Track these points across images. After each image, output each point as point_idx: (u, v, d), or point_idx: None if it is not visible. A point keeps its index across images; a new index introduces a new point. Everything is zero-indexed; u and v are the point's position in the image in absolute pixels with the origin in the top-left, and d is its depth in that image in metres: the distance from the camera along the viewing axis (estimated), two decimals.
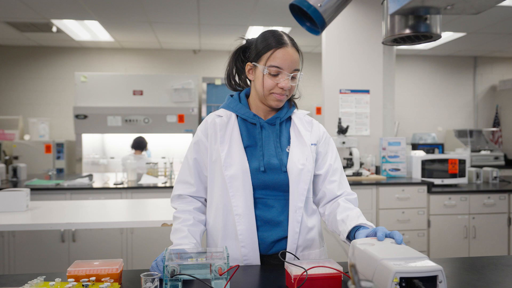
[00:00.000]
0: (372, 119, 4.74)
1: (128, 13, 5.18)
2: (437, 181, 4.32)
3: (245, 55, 1.57)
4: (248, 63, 1.51)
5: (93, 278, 1.16)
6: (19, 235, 3.80)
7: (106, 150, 6.55)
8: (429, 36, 1.02)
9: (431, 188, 4.19)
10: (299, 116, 1.59)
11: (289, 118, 1.58)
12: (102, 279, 1.16)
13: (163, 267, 1.15)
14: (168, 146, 6.37)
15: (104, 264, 1.23)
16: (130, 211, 2.87)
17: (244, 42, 1.58)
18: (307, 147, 1.51)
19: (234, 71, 1.61)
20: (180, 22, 5.59)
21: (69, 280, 1.16)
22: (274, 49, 1.43)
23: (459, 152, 5.90)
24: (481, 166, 4.93)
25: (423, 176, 4.40)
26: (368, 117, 4.72)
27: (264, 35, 1.49)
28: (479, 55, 7.77)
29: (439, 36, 1.03)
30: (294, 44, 1.47)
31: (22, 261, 3.80)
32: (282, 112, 1.55)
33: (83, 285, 1.12)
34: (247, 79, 1.60)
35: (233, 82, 1.63)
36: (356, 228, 1.38)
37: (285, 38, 1.46)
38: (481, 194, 4.23)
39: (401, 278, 0.97)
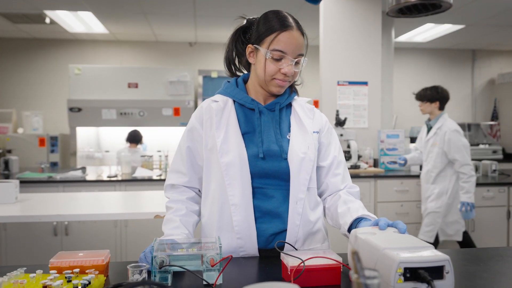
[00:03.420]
0: (370, 112, 4.67)
1: (123, 3, 5.08)
2: None
3: (245, 36, 1.47)
4: (249, 45, 1.41)
5: (77, 270, 1.09)
6: (11, 228, 3.73)
7: (101, 143, 6.47)
8: (438, 6, 0.94)
9: None
10: (300, 103, 1.51)
11: (289, 105, 1.50)
12: (87, 271, 1.09)
13: (151, 258, 1.08)
14: (163, 140, 6.28)
15: (89, 255, 1.16)
16: (123, 203, 2.80)
17: (244, 22, 1.48)
18: (309, 134, 1.43)
19: (234, 53, 1.51)
20: (176, 13, 5.50)
21: (51, 272, 1.09)
22: (278, 32, 1.33)
23: None
24: (479, 160, 4.87)
25: (421, 168, 4.33)
26: (366, 109, 4.66)
27: (267, 16, 1.39)
28: (478, 48, 7.71)
29: (449, 5, 0.95)
30: (299, 27, 1.38)
31: (14, 255, 3.73)
32: (283, 98, 1.46)
33: (66, 277, 1.05)
34: (248, 63, 1.49)
35: (232, 67, 1.53)
36: (358, 221, 1.31)
37: (290, 20, 1.36)
38: (480, 187, 4.18)
39: (405, 269, 0.90)
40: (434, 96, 3.70)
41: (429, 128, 3.76)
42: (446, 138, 3.56)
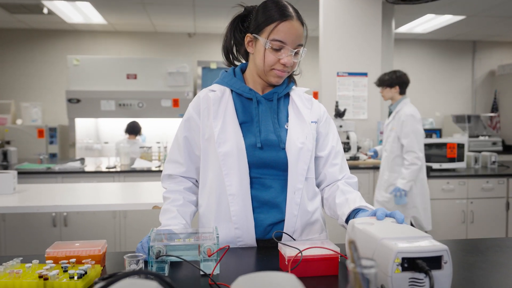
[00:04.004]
0: (370, 103, 4.65)
1: None
2: (435, 165, 4.27)
3: (243, 25, 1.45)
4: (248, 35, 1.39)
5: (73, 260, 1.08)
6: (10, 219, 3.72)
7: (100, 135, 6.45)
8: None
9: (429, 172, 4.12)
10: (298, 93, 1.49)
11: (287, 95, 1.48)
12: (83, 261, 1.09)
13: (148, 248, 1.07)
14: (162, 131, 6.27)
15: (85, 245, 1.16)
16: (121, 194, 2.80)
17: (242, 10, 1.45)
18: (307, 124, 1.41)
19: (232, 42, 1.48)
20: (175, 4, 5.46)
21: (47, 262, 1.08)
22: (278, 22, 1.31)
23: (457, 137, 5.84)
24: (479, 152, 4.87)
25: None
26: (366, 100, 4.64)
27: (266, 4, 1.37)
28: (478, 40, 7.67)
29: None
30: (299, 17, 1.36)
31: (14, 246, 3.73)
32: (281, 88, 1.45)
33: (62, 267, 1.05)
34: (246, 52, 1.47)
35: (230, 56, 1.51)
36: (356, 212, 1.30)
37: (290, 9, 1.34)
38: (479, 178, 4.18)
39: (403, 259, 0.89)
40: (393, 81, 3.55)
41: (390, 113, 3.66)
42: (400, 121, 3.45)
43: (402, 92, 3.58)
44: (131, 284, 0.64)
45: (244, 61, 1.52)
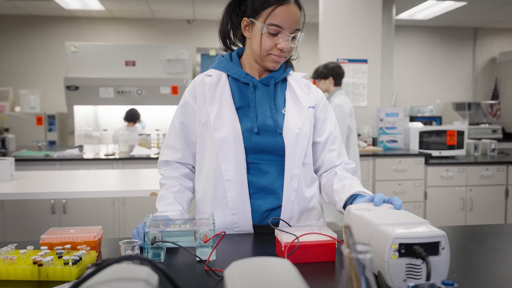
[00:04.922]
0: (370, 90, 4.62)
1: None
2: (434, 153, 4.26)
3: (240, 8, 1.41)
4: (245, 19, 1.36)
5: (68, 246, 1.07)
6: (9, 206, 3.72)
7: (99, 122, 6.43)
8: None
9: (429, 160, 4.13)
10: (295, 78, 1.47)
11: (285, 80, 1.46)
12: (78, 247, 1.08)
13: (144, 234, 1.07)
14: (161, 118, 6.23)
15: (80, 231, 1.15)
16: (120, 181, 2.79)
17: None
18: (305, 110, 1.40)
19: (229, 26, 1.45)
20: None
21: (42, 248, 1.08)
22: (275, 6, 1.29)
23: (457, 124, 5.82)
24: (478, 139, 4.86)
25: (420, 147, 4.33)
26: (366, 87, 4.61)
27: None
28: (480, 26, 7.60)
29: None
30: (296, 1, 1.33)
31: (12, 233, 3.74)
32: (278, 72, 1.43)
33: (56, 253, 1.04)
34: (243, 37, 1.44)
35: (227, 40, 1.48)
36: (353, 197, 1.29)
37: None
38: (479, 166, 4.17)
39: (400, 244, 0.89)
40: (326, 73, 3.59)
41: None
42: None
43: (337, 83, 3.62)
44: (122, 270, 0.63)
45: (241, 46, 1.50)
